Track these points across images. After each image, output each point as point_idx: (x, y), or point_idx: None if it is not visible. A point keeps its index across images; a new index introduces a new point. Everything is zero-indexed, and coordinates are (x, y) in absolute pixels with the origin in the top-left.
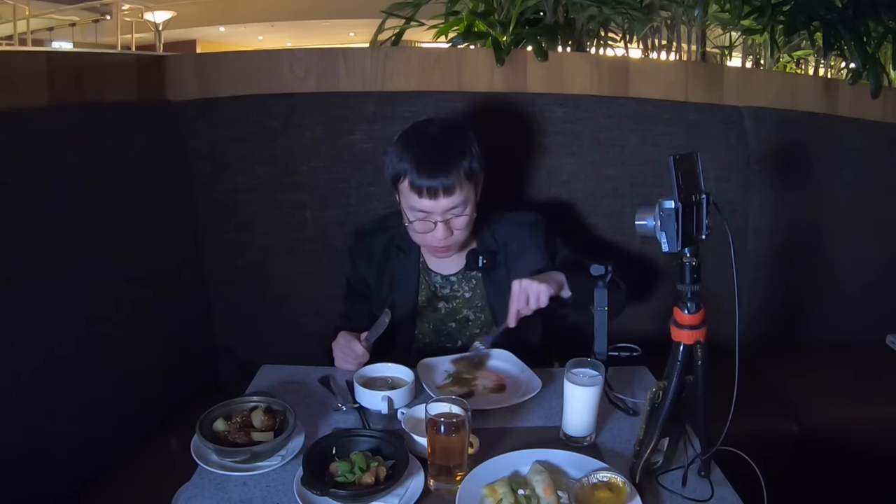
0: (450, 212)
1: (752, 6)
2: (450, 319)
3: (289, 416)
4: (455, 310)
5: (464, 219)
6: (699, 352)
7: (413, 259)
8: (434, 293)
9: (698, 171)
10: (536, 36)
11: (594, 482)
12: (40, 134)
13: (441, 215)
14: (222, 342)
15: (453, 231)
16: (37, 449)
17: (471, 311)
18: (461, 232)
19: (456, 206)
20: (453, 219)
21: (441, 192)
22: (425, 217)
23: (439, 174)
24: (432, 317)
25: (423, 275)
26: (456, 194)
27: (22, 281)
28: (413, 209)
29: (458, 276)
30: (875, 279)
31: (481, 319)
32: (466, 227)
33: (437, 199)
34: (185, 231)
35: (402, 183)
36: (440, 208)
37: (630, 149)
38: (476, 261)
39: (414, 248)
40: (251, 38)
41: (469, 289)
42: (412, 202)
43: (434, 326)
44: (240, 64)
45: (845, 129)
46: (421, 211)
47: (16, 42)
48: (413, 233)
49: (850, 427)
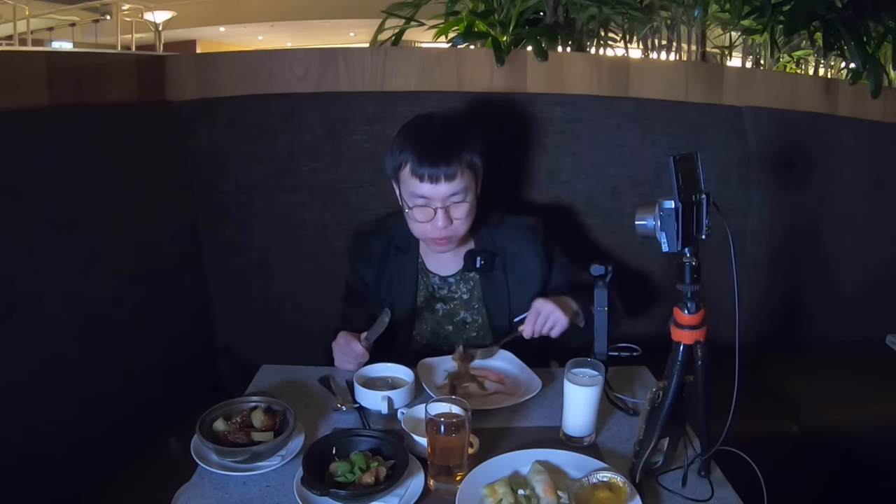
0: (450, 198)
1: (752, 6)
2: (447, 322)
3: (289, 416)
4: (452, 311)
5: (464, 207)
6: (699, 352)
7: (412, 258)
8: (432, 294)
9: (698, 171)
10: (536, 36)
11: (594, 482)
12: (40, 134)
13: (441, 202)
14: (222, 342)
15: (453, 220)
16: (37, 449)
17: (468, 314)
18: (461, 222)
19: (456, 193)
20: (453, 207)
21: (443, 178)
22: (426, 203)
23: (441, 160)
24: (430, 318)
25: (421, 275)
26: (457, 180)
27: (22, 281)
28: (413, 195)
29: (456, 278)
30: (875, 279)
31: (478, 322)
32: (467, 217)
33: (438, 183)
34: (185, 231)
35: (403, 170)
36: (441, 194)
37: (630, 149)
38: (474, 261)
39: (413, 247)
40: (251, 38)
41: (466, 290)
42: (413, 188)
43: (431, 329)
44: (240, 64)
45: (845, 129)
46: (421, 197)
47: (16, 42)
48: (413, 223)
49: (850, 427)
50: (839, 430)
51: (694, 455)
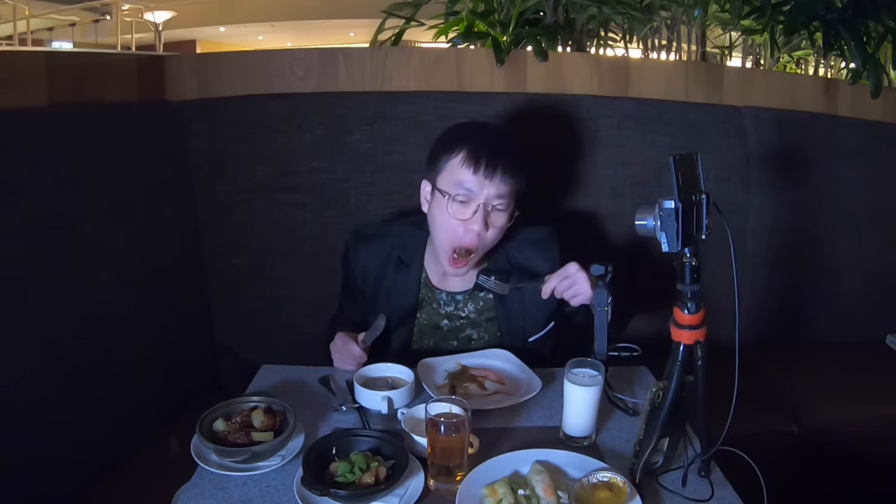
0: (494, 200)
1: (752, 6)
2: (452, 338)
3: (289, 416)
4: (458, 328)
5: (503, 216)
6: (699, 352)
7: (414, 273)
8: (437, 311)
9: (698, 171)
10: (536, 36)
11: (594, 482)
12: (40, 134)
13: (486, 199)
14: (222, 342)
15: (489, 227)
16: (37, 449)
17: (474, 331)
18: (495, 233)
19: (501, 197)
20: (494, 213)
21: (498, 175)
22: (468, 198)
23: (500, 158)
24: (433, 334)
25: (424, 290)
26: (508, 185)
27: (22, 281)
28: (460, 185)
29: (465, 296)
30: (875, 279)
31: (485, 339)
32: (500, 231)
33: (492, 178)
34: (185, 231)
35: (452, 159)
36: (488, 192)
37: (630, 149)
38: (488, 280)
39: (416, 261)
40: (251, 38)
41: (475, 309)
42: (461, 177)
43: (435, 344)
44: (240, 64)
45: (845, 129)
46: (468, 190)
47: (16, 42)
48: (440, 223)
49: (850, 427)
50: (839, 430)
51: (694, 455)
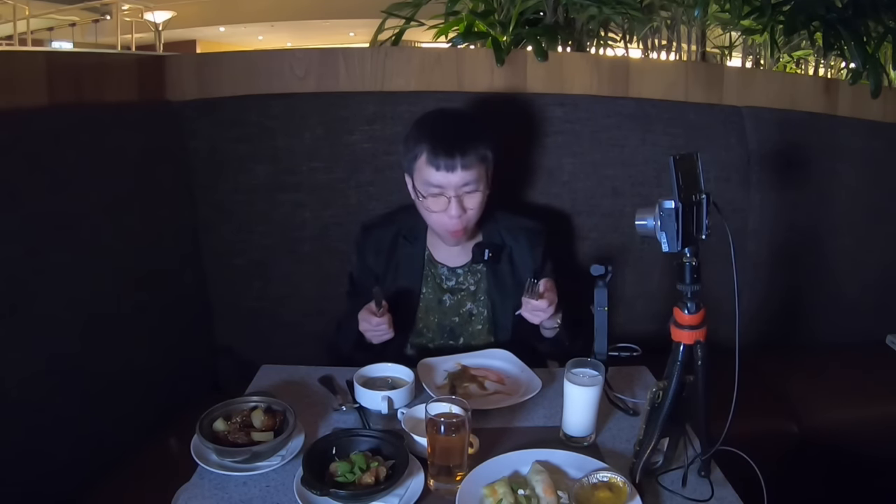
0: (463, 188)
1: (752, 6)
2: (453, 314)
3: (289, 416)
4: (459, 303)
5: (477, 197)
6: (699, 352)
7: (419, 249)
8: (439, 285)
9: (698, 171)
10: (536, 36)
11: (594, 482)
12: (40, 134)
13: (455, 190)
14: (222, 342)
15: (466, 209)
16: (37, 449)
17: (474, 305)
18: (474, 211)
19: (468, 183)
20: (466, 196)
21: (458, 167)
22: (440, 192)
23: (456, 150)
24: (437, 310)
25: (428, 266)
26: (470, 171)
27: (22, 281)
28: (428, 184)
29: (465, 269)
30: (875, 279)
31: (483, 315)
32: (479, 207)
33: (453, 172)
34: (185, 231)
35: (418, 160)
36: (454, 183)
37: (630, 149)
38: (482, 253)
39: (420, 238)
40: (251, 38)
41: (474, 282)
42: (428, 177)
43: (438, 321)
44: (240, 64)
45: (845, 129)
46: (436, 186)
47: (16, 42)
48: (427, 214)
49: (850, 427)
50: (839, 430)
51: (694, 455)
